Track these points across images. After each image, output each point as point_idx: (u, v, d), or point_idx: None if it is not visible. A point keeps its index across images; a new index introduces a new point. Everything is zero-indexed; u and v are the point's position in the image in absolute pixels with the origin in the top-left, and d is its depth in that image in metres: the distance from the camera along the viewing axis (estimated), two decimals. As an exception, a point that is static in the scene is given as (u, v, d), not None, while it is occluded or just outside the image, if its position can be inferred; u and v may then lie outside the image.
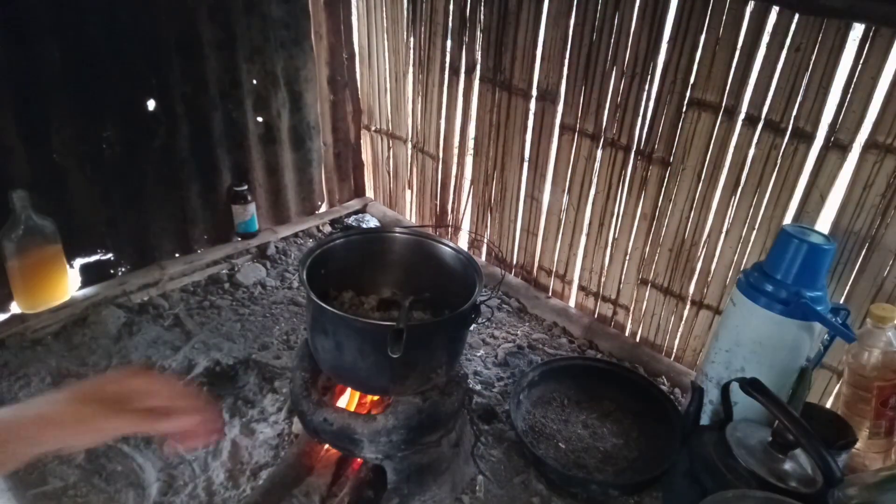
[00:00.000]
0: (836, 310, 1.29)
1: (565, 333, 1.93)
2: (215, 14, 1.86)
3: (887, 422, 1.31)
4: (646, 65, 1.57)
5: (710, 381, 1.42)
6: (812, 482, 1.13)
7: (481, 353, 1.83)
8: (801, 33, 1.32)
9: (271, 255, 2.16)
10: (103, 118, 1.75)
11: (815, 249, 1.24)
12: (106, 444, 1.46)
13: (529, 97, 1.84)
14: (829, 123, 1.34)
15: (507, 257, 2.12)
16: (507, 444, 1.52)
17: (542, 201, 1.94)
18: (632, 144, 1.66)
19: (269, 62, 2.04)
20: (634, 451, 1.50)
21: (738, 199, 1.52)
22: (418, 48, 2.08)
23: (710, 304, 1.66)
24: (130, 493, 1.36)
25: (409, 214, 2.44)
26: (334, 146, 2.40)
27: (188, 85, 1.88)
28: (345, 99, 2.34)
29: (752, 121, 1.44)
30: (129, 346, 1.72)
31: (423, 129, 2.20)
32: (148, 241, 1.97)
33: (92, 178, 1.78)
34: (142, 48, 1.75)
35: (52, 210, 1.70)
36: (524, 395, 1.60)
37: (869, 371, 1.29)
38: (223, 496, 1.36)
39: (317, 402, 1.27)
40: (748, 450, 1.18)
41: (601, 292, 1.91)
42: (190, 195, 2.01)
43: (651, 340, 1.84)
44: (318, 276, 1.27)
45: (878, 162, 1.29)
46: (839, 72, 1.31)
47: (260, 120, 2.10)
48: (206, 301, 1.93)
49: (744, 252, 1.55)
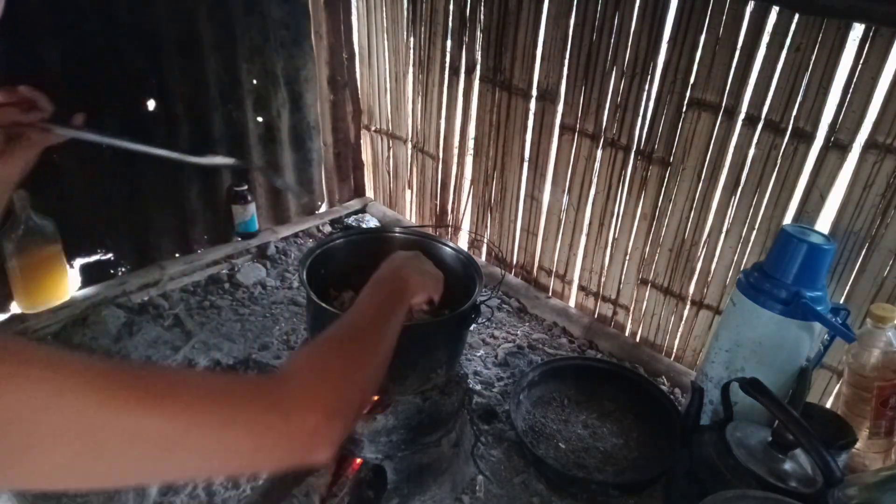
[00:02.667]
0: (836, 310, 1.29)
1: (565, 333, 1.93)
2: (215, 14, 1.86)
3: (887, 422, 1.31)
4: (646, 65, 1.57)
5: (710, 381, 1.42)
6: (812, 482, 1.13)
7: (481, 353, 1.82)
8: (801, 33, 1.32)
9: (271, 255, 2.16)
10: (103, 118, 1.75)
11: (815, 249, 1.24)
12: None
13: (529, 97, 1.84)
14: (829, 123, 1.34)
15: (507, 257, 2.12)
16: (507, 444, 1.52)
17: (542, 201, 1.94)
18: (632, 144, 1.66)
19: (269, 62, 2.04)
20: (634, 451, 1.50)
21: (737, 199, 1.52)
22: (418, 48, 2.08)
23: (710, 304, 1.66)
24: (130, 493, 1.36)
25: (409, 214, 2.44)
26: (334, 146, 2.40)
27: (188, 85, 1.88)
28: (345, 99, 2.34)
29: (752, 121, 1.44)
30: (129, 347, 1.72)
31: (423, 129, 2.20)
32: (148, 241, 1.97)
33: (92, 178, 1.78)
34: (142, 48, 1.75)
35: (52, 210, 1.70)
36: (524, 395, 1.60)
37: (869, 371, 1.29)
38: (223, 496, 1.36)
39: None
40: (748, 450, 1.18)
41: (601, 292, 1.91)
42: (190, 195, 2.01)
43: (651, 340, 1.83)
44: (318, 276, 1.27)
45: (878, 162, 1.29)
46: (839, 72, 1.31)
47: (260, 120, 2.10)
48: (206, 301, 1.93)
49: (744, 252, 1.55)
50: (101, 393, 0.46)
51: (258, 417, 0.54)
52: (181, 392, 0.51)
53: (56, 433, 0.45)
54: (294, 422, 0.55)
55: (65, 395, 0.45)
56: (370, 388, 0.69)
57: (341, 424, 0.59)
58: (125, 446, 0.47)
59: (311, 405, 0.57)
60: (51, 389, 0.44)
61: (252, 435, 0.53)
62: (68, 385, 0.45)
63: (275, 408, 0.55)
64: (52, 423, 0.44)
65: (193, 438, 0.50)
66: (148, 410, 0.48)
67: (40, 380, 0.44)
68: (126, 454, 0.48)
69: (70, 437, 0.45)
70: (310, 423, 0.56)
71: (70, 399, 0.45)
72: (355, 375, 0.66)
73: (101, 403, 0.46)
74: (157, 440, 0.48)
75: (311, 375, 0.61)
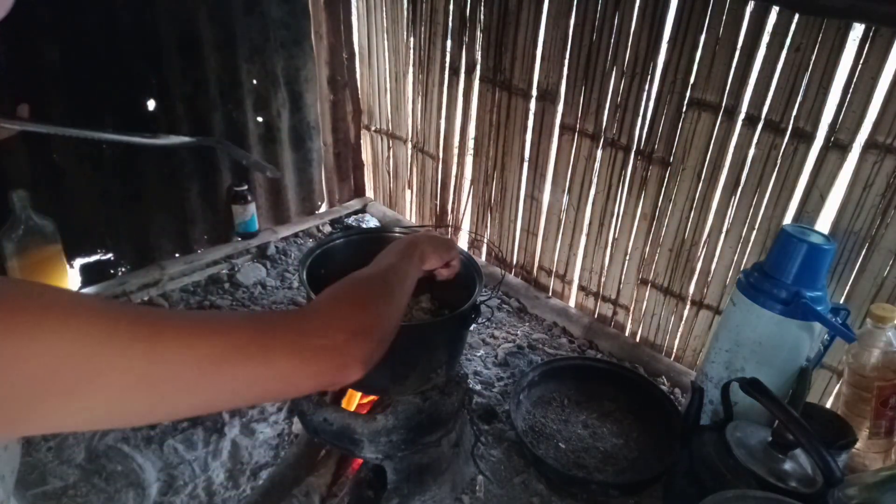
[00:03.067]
0: (836, 310, 1.30)
1: (565, 333, 1.93)
2: (215, 14, 1.86)
3: (887, 422, 1.31)
4: (646, 65, 1.57)
5: (710, 381, 1.42)
6: (812, 482, 1.13)
7: (481, 353, 1.83)
8: (801, 33, 1.32)
9: (271, 255, 2.16)
10: (103, 118, 1.75)
11: (815, 249, 1.24)
12: (107, 444, 1.46)
13: (529, 97, 1.84)
14: (829, 123, 1.34)
15: (507, 257, 2.12)
16: (507, 444, 1.52)
17: (542, 201, 1.94)
18: (632, 144, 1.66)
19: (269, 62, 2.04)
20: (634, 451, 1.50)
21: (737, 199, 1.52)
22: (418, 48, 2.08)
23: (710, 304, 1.66)
24: (130, 493, 1.36)
25: (409, 214, 2.44)
26: (334, 146, 2.40)
27: (188, 85, 1.88)
28: (345, 99, 2.34)
29: (751, 121, 1.44)
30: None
31: (423, 129, 2.20)
32: (148, 241, 1.97)
33: (92, 178, 1.78)
34: (142, 48, 1.75)
35: (52, 210, 1.70)
36: (524, 395, 1.60)
37: (869, 371, 1.29)
38: (223, 496, 1.36)
39: (317, 402, 1.27)
40: (748, 450, 1.18)
41: (601, 292, 1.91)
42: (190, 195, 2.01)
43: (651, 340, 1.84)
44: (318, 276, 1.26)
45: (878, 162, 1.29)
46: (839, 72, 1.31)
47: (260, 120, 2.10)
48: (206, 301, 1.93)
49: (744, 252, 1.55)
50: (147, 328, 0.51)
51: (291, 339, 0.60)
52: (216, 323, 0.57)
53: (108, 370, 0.48)
54: (323, 341, 0.61)
55: (114, 336, 0.48)
56: (388, 323, 0.73)
57: (366, 343, 0.65)
58: (170, 376, 0.51)
59: (336, 325, 0.64)
60: (102, 332, 0.48)
61: (287, 356, 0.58)
62: (119, 327, 0.49)
63: (304, 331, 0.61)
64: (104, 359, 0.48)
65: (233, 364, 0.55)
66: (190, 339, 0.53)
67: (89, 324, 0.48)
68: (173, 382, 0.51)
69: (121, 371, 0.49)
70: (338, 340, 0.62)
71: (119, 340, 0.49)
72: (374, 305, 0.72)
73: (148, 338, 0.50)
74: (201, 365, 0.53)
75: (332, 303, 0.69)
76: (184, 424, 1.52)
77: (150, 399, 0.51)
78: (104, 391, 0.48)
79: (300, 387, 0.61)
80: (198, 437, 1.50)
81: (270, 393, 0.59)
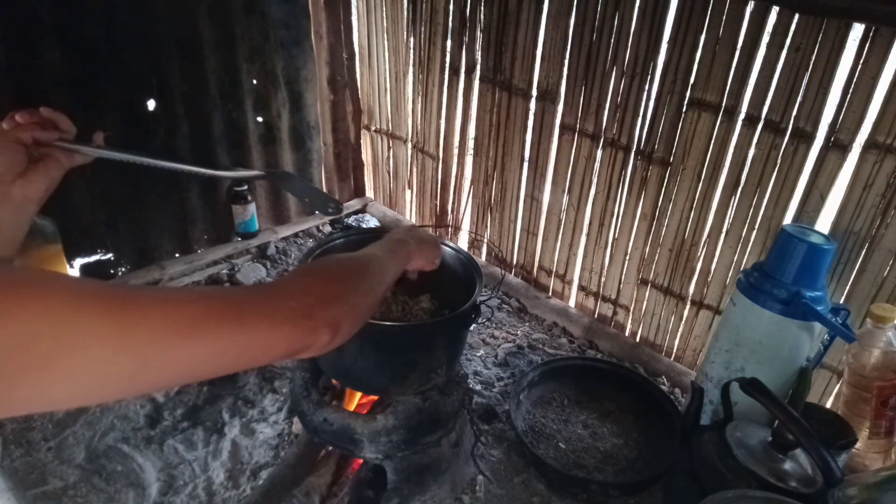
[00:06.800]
0: (836, 310, 1.29)
1: (565, 333, 1.93)
2: (215, 14, 1.86)
3: (887, 422, 1.31)
4: (646, 65, 1.57)
5: (710, 381, 1.42)
6: (812, 482, 1.13)
7: (481, 353, 1.83)
8: (801, 33, 1.32)
9: (271, 255, 2.16)
10: (103, 118, 1.75)
11: (815, 249, 1.24)
12: (107, 444, 1.46)
13: (529, 97, 1.84)
14: (829, 123, 1.34)
15: (507, 257, 2.12)
16: (507, 444, 1.52)
17: (542, 201, 1.94)
18: (632, 144, 1.66)
19: (269, 62, 2.04)
20: (634, 451, 1.50)
21: (737, 199, 1.52)
22: (418, 48, 2.08)
23: (710, 304, 1.66)
24: (130, 493, 1.36)
25: (409, 214, 2.44)
26: (334, 146, 2.40)
27: (188, 85, 1.88)
28: (345, 99, 2.34)
29: (751, 121, 1.44)
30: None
31: (423, 129, 2.20)
32: (148, 241, 1.97)
33: (92, 178, 1.78)
34: (142, 48, 1.75)
35: (52, 210, 1.70)
36: (524, 395, 1.60)
37: (869, 371, 1.29)
38: (223, 496, 1.36)
39: (317, 402, 1.27)
40: (748, 450, 1.18)
41: (601, 292, 1.91)
42: (190, 195, 2.01)
43: (651, 340, 1.84)
44: (318, 276, 1.26)
45: (878, 162, 1.29)
46: (839, 72, 1.31)
47: (260, 120, 2.10)
48: (206, 301, 1.93)
49: (744, 252, 1.55)
50: (118, 299, 0.52)
51: (262, 302, 0.62)
52: (188, 293, 0.60)
53: (84, 341, 0.49)
54: (292, 303, 0.64)
55: (84, 308, 0.49)
56: (361, 299, 0.75)
57: (336, 307, 0.68)
58: (147, 340, 0.52)
59: (307, 290, 0.67)
60: (69, 306, 0.48)
61: (260, 319, 0.60)
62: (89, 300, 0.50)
63: (275, 295, 0.64)
64: (78, 331, 0.48)
65: (208, 327, 0.56)
66: (165, 305, 0.54)
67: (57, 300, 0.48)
68: (150, 347, 0.52)
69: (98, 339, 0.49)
70: (307, 302, 0.64)
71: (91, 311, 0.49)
72: (346, 280, 0.75)
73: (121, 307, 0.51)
74: (178, 329, 0.54)
75: (305, 272, 0.74)
76: (184, 424, 1.52)
77: (130, 367, 0.51)
78: (84, 363, 0.49)
79: (274, 350, 0.62)
80: (198, 437, 1.50)
81: (244, 358, 0.60)
